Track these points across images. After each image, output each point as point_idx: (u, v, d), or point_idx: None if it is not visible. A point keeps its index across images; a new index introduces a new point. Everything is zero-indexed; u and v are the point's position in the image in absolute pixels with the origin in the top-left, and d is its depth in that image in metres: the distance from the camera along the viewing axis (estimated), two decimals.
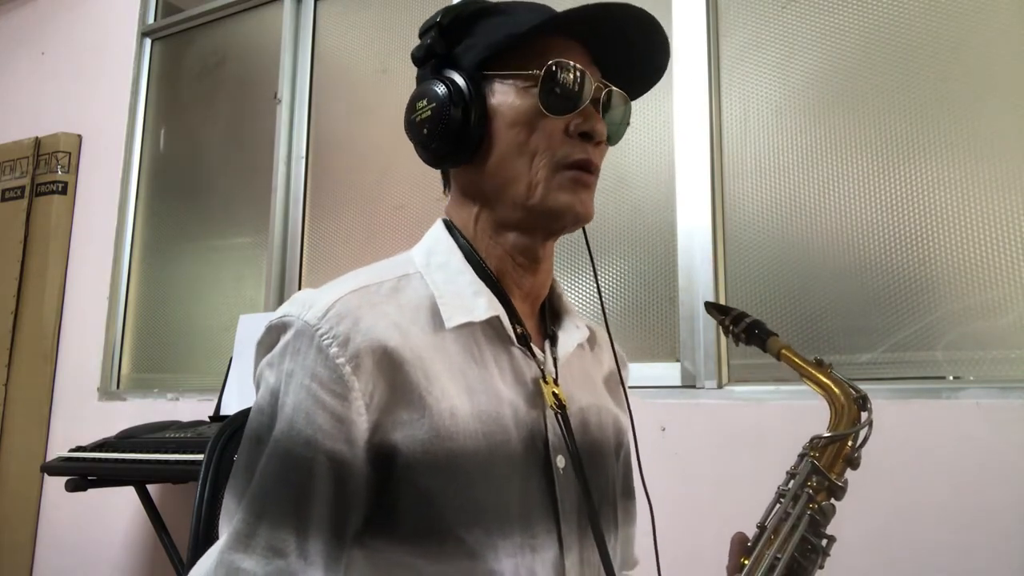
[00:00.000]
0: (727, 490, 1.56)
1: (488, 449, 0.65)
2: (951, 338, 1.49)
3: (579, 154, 0.71)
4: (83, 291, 2.72)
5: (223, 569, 0.61)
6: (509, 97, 0.72)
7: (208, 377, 2.42)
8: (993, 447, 1.36)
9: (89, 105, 2.89)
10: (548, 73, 0.70)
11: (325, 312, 0.64)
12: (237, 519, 0.62)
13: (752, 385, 1.64)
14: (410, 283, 0.71)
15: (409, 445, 0.63)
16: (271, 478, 0.62)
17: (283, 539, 0.61)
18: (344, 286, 0.68)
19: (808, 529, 0.71)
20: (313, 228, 2.40)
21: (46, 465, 1.85)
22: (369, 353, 0.63)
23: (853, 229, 1.61)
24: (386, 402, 0.64)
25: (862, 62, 1.66)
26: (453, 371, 0.67)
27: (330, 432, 0.62)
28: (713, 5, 1.82)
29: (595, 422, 0.77)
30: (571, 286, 1.89)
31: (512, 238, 0.74)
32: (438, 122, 0.72)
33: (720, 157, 1.77)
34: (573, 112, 0.71)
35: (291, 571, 0.61)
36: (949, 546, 1.36)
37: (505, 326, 0.71)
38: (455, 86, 0.72)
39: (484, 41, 0.73)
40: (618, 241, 1.84)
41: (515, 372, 0.71)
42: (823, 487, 0.74)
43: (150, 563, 2.35)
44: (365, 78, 2.39)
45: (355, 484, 0.63)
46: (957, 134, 1.54)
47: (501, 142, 0.72)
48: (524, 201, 0.71)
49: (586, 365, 0.83)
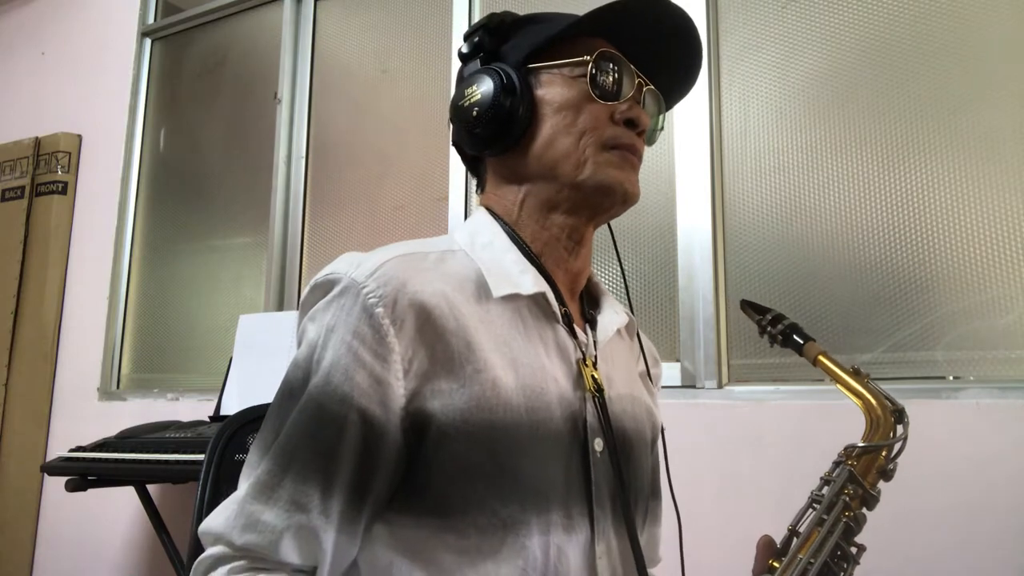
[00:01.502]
0: (727, 490, 1.56)
1: (530, 424, 0.64)
2: (951, 338, 1.49)
3: (626, 138, 0.74)
4: (83, 291, 2.72)
5: (243, 519, 0.61)
6: (556, 87, 0.75)
7: (208, 377, 2.42)
8: (993, 447, 1.36)
9: (89, 105, 2.89)
10: (598, 60, 0.74)
11: (373, 271, 0.64)
12: (261, 469, 0.62)
13: (752, 385, 1.64)
14: (455, 257, 0.72)
15: (448, 414, 0.62)
16: (301, 432, 0.62)
17: (307, 494, 0.60)
18: (392, 251, 0.68)
19: (842, 536, 0.71)
20: (313, 228, 2.40)
21: (46, 465, 1.85)
22: (413, 317, 0.63)
23: (853, 229, 1.61)
24: (425, 370, 0.63)
25: (862, 62, 1.66)
26: (498, 342, 0.66)
27: (366, 391, 0.61)
28: (713, 5, 1.82)
29: (630, 412, 0.77)
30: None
31: (559, 219, 0.75)
32: (488, 108, 0.73)
33: (720, 157, 1.77)
34: (619, 100, 0.74)
35: (312, 527, 0.60)
36: (949, 546, 1.36)
37: (551, 303, 0.71)
38: (505, 74, 0.74)
39: (527, 41, 0.76)
40: (618, 241, 1.84)
41: (560, 350, 0.71)
42: (857, 495, 0.74)
43: (150, 563, 2.35)
44: (365, 78, 2.39)
45: (384, 449, 0.62)
46: (957, 134, 1.54)
47: (547, 126, 0.74)
48: (573, 178, 0.73)
49: (624, 353, 0.83)
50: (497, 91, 0.73)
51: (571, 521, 0.66)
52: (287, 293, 2.36)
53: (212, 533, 0.62)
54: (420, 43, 2.26)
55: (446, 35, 2.18)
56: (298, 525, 0.60)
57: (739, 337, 1.69)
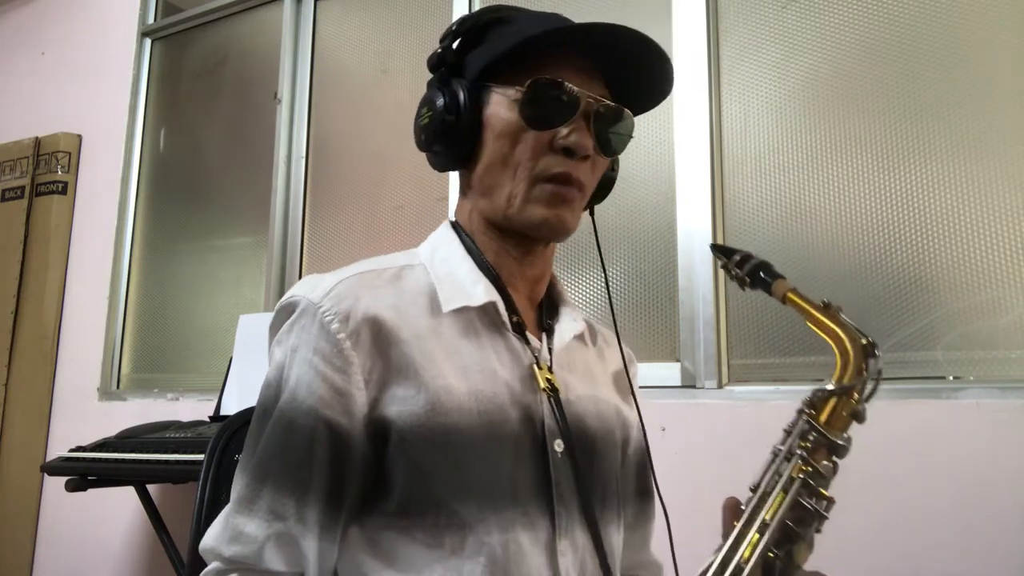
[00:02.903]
0: (727, 490, 1.56)
1: (483, 427, 0.67)
2: (951, 338, 1.49)
3: (558, 168, 0.73)
4: (83, 291, 2.72)
5: (228, 532, 0.65)
6: (500, 109, 0.74)
7: (208, 377, 2.42)
8: (993, 447, 1.36)
9: (89, 105, 2.89)
10: (529, 89, 0.72)
11: (328, 291, 0.70)
12: (241, 484, 0.67)
13: (752, 385, 1.64)
14: (413, 272, 0.76)
15: (405, 420, 0.66)
16: (274, 446, 0.66)
17: (283, 503, 0.65)
18: (348, 270, 0.74)
19: (802, 491, 0.65)
20: (313, 228, 2.40)
21: (46, 465, 1.85)
22: (368, 330, 0.68)
23: (853, 229, 1.61)
24: (383, 379, 0.68)
25: (862, 62, 1.66)
26: (449, 352, 0.70)
27: (330, 403, 0.66)
28: (713, 5, 1.82)
29: (593, 412, 0.78)
30: (578, 284, 1.89)
31: (501, 234, 0.77)
32: (433, 129, 0.75)
33: (720, 157, 1.77)
34: (554, 127, 0.72)
35: (291, 534, 0.65)
36: (949, 546, 1.36)
37: (500, 312, 0.74)
38: (452, 96, 0.75)
39: (487, 52, 0.76)
40: (618, 241, 1.84)
41: (511, 356, 0.74)
42: (821, 445, 0.67)
43: (150, 563, 2.35)
44: (365, 78, 2.39)
45: (352, 456, 0.66)
46: (957, 134, 1.54)
47: (488, 152, 0.75)
48: (504, 211, 0.75)
49: (587, 359, 0.84)
50: (441, 111, 0.75)
51: (529, 519, 0.68)
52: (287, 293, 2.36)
53: (206, 549, 0.66)
54: (420, 43, 2.26)
55: None
56: (278, 533, 0.64)
57: (739, 337, 1.69)
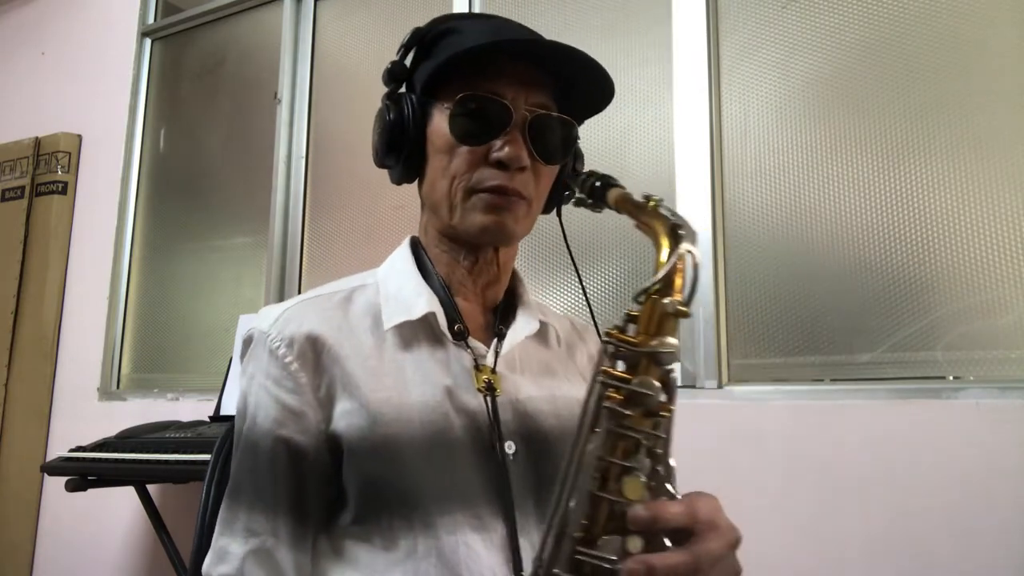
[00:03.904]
0: (727, 490, 1.56)
1: (426, 435, 0.70)
2: (951, 338, 1.49)
3: (491, 180, 0.74)
4: (83, 291, 2.72)
5: (215, 554, 0.71)
6: (441, 124, 0.76)
7: (208, 377, 2.42)
8: (993, 447, 1.36)
9: (89, 105, 2.89)
10: (456, 105, 0.74)
11: (276, 319, 0.75)
12: (222, 508, 0.72)
13: (752, 385, 1.64)
14: (364, 292, 0.80)
15: (351, 433, 0.70)
16: (243, 469, 0.72)
17: (257, 520, 0.70)
18: (299, 297, 0.79)
19: (614, 420, 0.58)
20: (313, 228, 2.40)
21: (46, 465, 1.85)
22: (311, 351, 0.72)
23: (853, 229, 1.61)
24: (332, 395, 0.72)
25: (862, 62, 1.66)
26: (391, 365, 0.73)
27: (284, 423, 0.71)
28: (713, 5, 1.82)
29: (548, 411, 0.78)
30: (562, 284, 1.89)
31: (452, 245, 0.80)
32: (383, 144, 0.78)
33: (720, 157, 1.77)
34: (484, 142, 0.74)
35: (266, 548, 0.69)
36: (950, 546, 1.36)
37: (439, 323, 0.76)
38: (398, 111, 0.77)
39: (430, 66, 0.78)
40: (618, 241, 1.84)
41: (452, 363, 0.75)
42: (637, 360, 0.59)
43: (150, 563, 2.35)
44: (365, 78, 2.39)
45: (311, 470, 0.71)
46: (957, 134, 1.54)
47: (431, 167, 0.78)
48: (448, 221, 0.77)
49: (546, 359, 0.84)
50: (388, 127, 0.77)
51: (481, 521, 0.69)
52: (287, 293, 2.36)
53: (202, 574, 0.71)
54: None
55: None
56: (255, 549, 0.69)
57: (739, 337, 1.69)
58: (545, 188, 0.80)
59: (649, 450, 0.59)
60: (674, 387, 0.60)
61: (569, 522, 0.58)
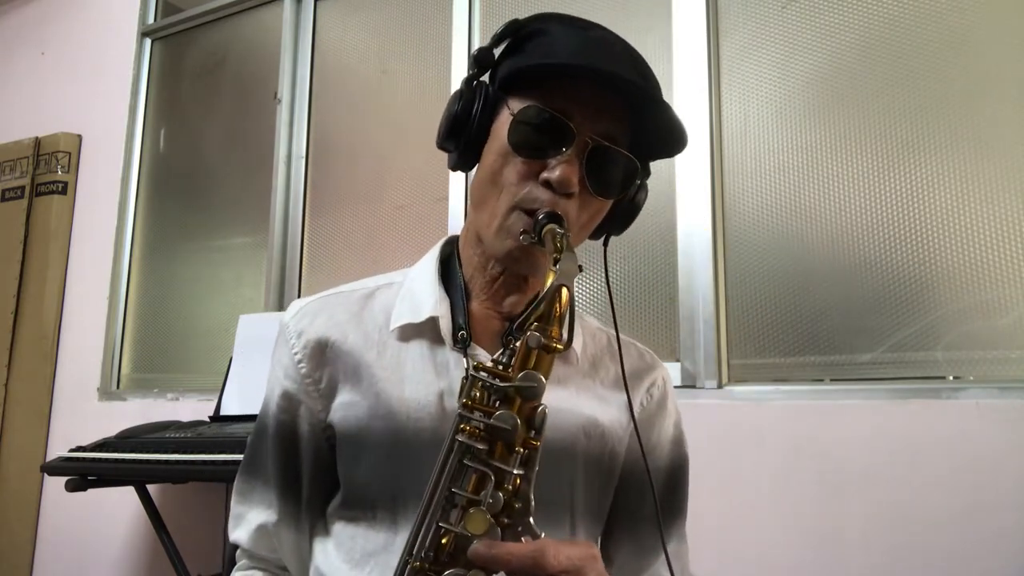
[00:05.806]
0: (727, 490, 1.56)
1: (414, 432, 0.72)
2: (951, 338, 1.49)
3: (535, 202, 0.71)
4: (83, 291, 2.72)
5: (234, 520, 0.80)
6: (503, 124, 0.73)
7: (208, 377, 2.42)
8: (993, 447, 1.36)
9: (89, 105, 2.89)
10: (519, 113, 0.71)
11: (296, 313, 0.81)
12: (236, 480, 0.81)
13: (752, 385, 1.64)
14: (387, 291, 0.82)
15: (345, 426, 0.75)
16: (253, 446, 0.81)
17: (254, 487, 0.79)
18: (326, 292, 0.83)
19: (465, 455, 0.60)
20: (313, 228, 2.40)
21: (46, 465, 1.85)
22: (316, 345, 0.77)
23: (853, 229, 1.61)
24: (331, 388, 0.76)
25: (862, 62, 1.66)
26: (391, 363, 0.76)
27: (286, 408, 0.78)
28: (713, 5, 1.82)
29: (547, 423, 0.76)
30: (580, 289, 1.89)
31: (484, 251, 0.78)
32: (447, 127, 0.76)
33: (720, 157, 1.77)
34: (540, 158, 0.71)
35: (267, 520, 0.78)
36: (949, 545, 1.36)
37: (442, 327, 0.76)
38: (469, 99, 0.75)
39: (513, 64, 0.75)
40: (618, 242, 1.83)
41: (448, 368, 0.76)
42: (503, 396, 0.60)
43: (150, 563, 2.35)
44: (365, 78, 2.39)
45: (301, 454, 0.77)
46: (957, 133, 1.54)
47: (485, 165, 0.75)
48: (485, 228, 0.75)
49: (558, 371, 0.80)
50: (456, 111, 0.74)
51: None
52: (287, 293, 2.36)
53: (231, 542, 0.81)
54: (420, 43, 2.26)
55: (446, 35, 2.18)
56: (260, 522, 0.78)
57: (739, 337, 1.69)
58: (591, 219, 0.78)
59: (500, 484, 0.58)
60: (542, 421, 0.61)
61: (416, 550, 0.59)
